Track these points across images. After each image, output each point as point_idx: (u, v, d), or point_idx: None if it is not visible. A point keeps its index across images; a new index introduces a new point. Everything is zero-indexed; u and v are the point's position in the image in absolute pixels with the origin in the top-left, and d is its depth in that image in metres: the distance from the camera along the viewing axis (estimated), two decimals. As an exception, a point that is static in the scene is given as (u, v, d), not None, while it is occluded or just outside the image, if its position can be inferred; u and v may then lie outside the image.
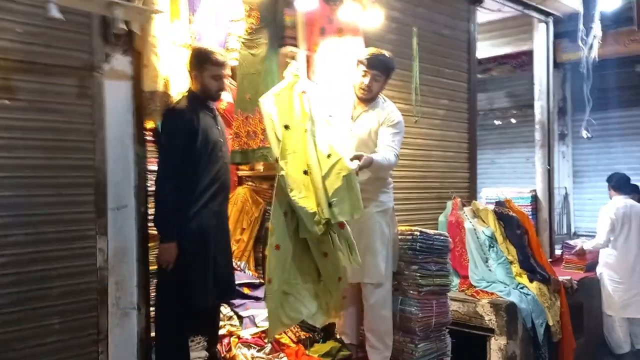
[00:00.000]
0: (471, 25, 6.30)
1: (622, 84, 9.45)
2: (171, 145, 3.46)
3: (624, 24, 8.71)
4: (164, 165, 3.47)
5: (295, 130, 3.60)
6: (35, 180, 3.22)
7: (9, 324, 3.11)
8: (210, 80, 3.58)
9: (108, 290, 3.48)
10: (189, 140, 3.45)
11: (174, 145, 3.44)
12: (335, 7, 4.53)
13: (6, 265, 3.10)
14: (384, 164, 3.79)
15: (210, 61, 3.56)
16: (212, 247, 3.53)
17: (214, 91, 3.63)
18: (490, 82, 10.97)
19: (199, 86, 3.61)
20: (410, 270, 4.18)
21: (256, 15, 4.37)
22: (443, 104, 5.97)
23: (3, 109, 3.09)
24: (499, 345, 4.86)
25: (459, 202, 5.79)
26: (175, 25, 3.79)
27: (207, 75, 3.57)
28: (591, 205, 9.98)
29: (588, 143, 9.24)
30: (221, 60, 3.61)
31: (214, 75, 3.57)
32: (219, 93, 3.69)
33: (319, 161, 3.50)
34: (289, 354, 4.08)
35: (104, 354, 3.45)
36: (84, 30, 3.38)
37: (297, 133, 3.59)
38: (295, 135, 3.59)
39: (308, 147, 3.53)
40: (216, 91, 3.65)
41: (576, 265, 6.58)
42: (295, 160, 3.54)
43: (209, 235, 3.51)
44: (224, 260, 3.64)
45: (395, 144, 3.92)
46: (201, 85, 3.59)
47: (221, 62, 3.60)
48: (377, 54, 4.04)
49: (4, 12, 3.08)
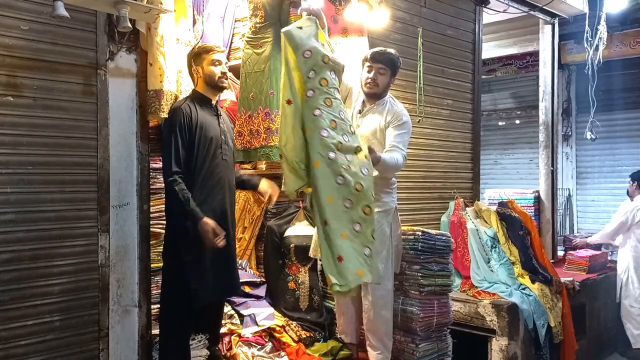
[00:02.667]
0: (477, 26, 6.29)
1: (627, 86, 9.43)
2: (172, 139, 3.46)
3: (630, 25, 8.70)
4: (168, 159, 3.46)
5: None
6: (39, 177, 3.23)
7: (11, 320, 3.12)
8: (210, 68, 3.62)
9: (109, 287, 3.49)
10: (187, 135, 3.48)
11: (174, 137, 3.45)
12: (341, 7, 4.53)
13: (8, 261, 3.12)
14: (391, 165, 3.77)
15: (205, 50, 3.65)
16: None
17: (217, 77, 3.64)
18: (494, 82, 10.98)
19: (202, 79, 3.66)
20: (412, 270, 4.18)
21: (261, 14, 4.38)
22: (447, 104, 5.97)
23: (8, 105, 3.11)
24: (500, 346, 4.87)
25: (462, 202, 5.80)
26: (180, 24, 3.79)
27: (206, 64, 3.62)
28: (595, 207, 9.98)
29: (592, 144, 9.23)
30: (213, 46, 3.70)
31: (212, 60, 3.62)
32: (222, 80, 3.68)
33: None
34: (289, 353, 4.09)
35: (104, 351, 3.47)
36: (90, 28, 3.39)
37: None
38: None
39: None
40: (219, 78, 3.65)
41: (578, 267, 6.58)
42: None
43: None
44: (224, 259, 3.63)
45: (402, 145, 3.91)
46: (204, 76, 3.64)
47: (213, 47, 3.68)
48: (381, 49, 4.07)
49: (9, 9, 3.09)
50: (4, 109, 3.09)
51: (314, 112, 3.29)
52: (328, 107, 3.32)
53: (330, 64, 3.40)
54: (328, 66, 3.39)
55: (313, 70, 3.34)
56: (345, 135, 3.33)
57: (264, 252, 4.88)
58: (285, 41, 3.40)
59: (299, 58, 3.35)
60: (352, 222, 3.23)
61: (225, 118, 3.83)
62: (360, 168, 3.34)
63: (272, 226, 4.73)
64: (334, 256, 3.20)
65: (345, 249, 3.19)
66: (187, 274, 3.45)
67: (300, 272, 4.57)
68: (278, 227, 4.71)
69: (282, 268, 4.65)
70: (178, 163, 3.44)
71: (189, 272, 3.45)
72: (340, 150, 3.26)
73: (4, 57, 3.08)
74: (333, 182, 3.21)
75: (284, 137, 3.42)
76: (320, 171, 3.21)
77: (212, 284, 3.52)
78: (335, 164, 3.22)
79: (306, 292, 4.55)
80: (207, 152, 3.54)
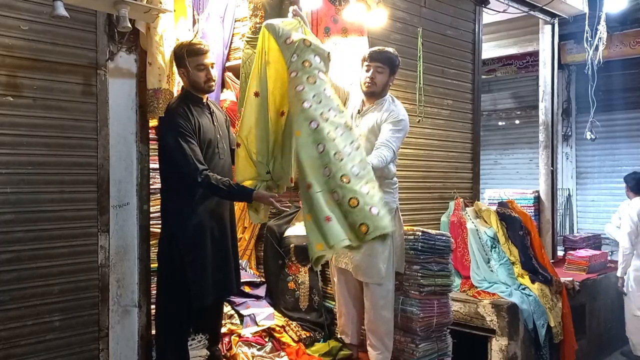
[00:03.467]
0: (477, 26, 6.29)
1: (627, 86, 9.44)
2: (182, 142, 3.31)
3: (630, 25, 8.71)
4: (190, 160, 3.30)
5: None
6: (39, 177, 3.24)
7: (11, 320, 3.12)
8: (195, 72, 3.44)
9: (109, 287, 3.50)
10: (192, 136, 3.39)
11: (183, 139, 3.31)
12: (340, 7, 4.53)
13: (8, 261, 3.12)
14: (381, 166, 3.75)
15: (189, 52, 3.43)
16: (210, 246, 3.46)
17: (202, 82, 3.47)
18: (494, 82, 10.99)
19: (188, 82, 3.49)
20: (411, 270, 4.18)
21: (261, 14, 4.39)
22: (447, 104, 5.97)
23: (8, 105, 3.11)
24: (500, 346, 4.87)
25: (462, 202, 5.80)
26: (180, 24, 3.78)
27: (191, 68, 3.43)
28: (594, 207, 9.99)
29: (592, 144, 9.24)
30: (199, 48, 3.45)
31: (196, 65, 3.43)
32: (208, 84, 3.50)
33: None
34: (289, 353, 4.09)
35: (104, 351, 3.47)
36: (90, 28, 3.39)
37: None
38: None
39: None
40: (205, 82, 3.47)
41: (578, 267, 6.57)
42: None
43: (206, 234, 3.45)
44: (224, 260, 3.58)
45: (393, 140, 3.87)
46: (190, 80, 3.47)
47: (199, 50, 3.45)
48: (379, 48, 4.07)
49: (9, 9, 3.10)
50: (4, 109, 3.10)
51: (296, 87, 3.31)
52: (311, 85, 3.32)
53: (312, 47, 3.40)
54: (310, 50, 3.39)
55: (295, 54, 3.36)
56: (332, 111, 3.32)
57: (263, 252, 4.88)
58: (265, 32, 3.45)
59: (282, 45, 3.40)
60: (331, 190, 3.19)
61: (217, 114, 3.69)
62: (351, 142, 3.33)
63: (272, 226, 4.73)
64: (321, 216, 3.13)
65: (332, 211, 3.16)
66: (187, 275, 3.40)
67: (300, 272, 4.57)
68: (278, 227, 4.71)
69: (282, 268, 4.65)
70: (199, 159, 3.33)
71: (188, 273, 3.40)
72: (325, 120, 3.25)
73: (4, 57, 3.08)
74: (314, 151, 3.20)
75: (246, 128, 3.49)
76: (301, 140, 3.23)
77: (212, 284, 3.48)
78: (316, 133, 3.22)
79: (306, 292, 4.55)
80: (206, 153, 3.46)
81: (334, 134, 3.25)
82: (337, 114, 3.34)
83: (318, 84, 3.35)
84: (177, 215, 3.43)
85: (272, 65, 3.47)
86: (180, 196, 3.44)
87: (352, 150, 3.30)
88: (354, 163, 3.26)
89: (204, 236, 3.44)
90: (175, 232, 3.42)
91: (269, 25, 3.45)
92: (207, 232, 3.46)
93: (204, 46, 3.50)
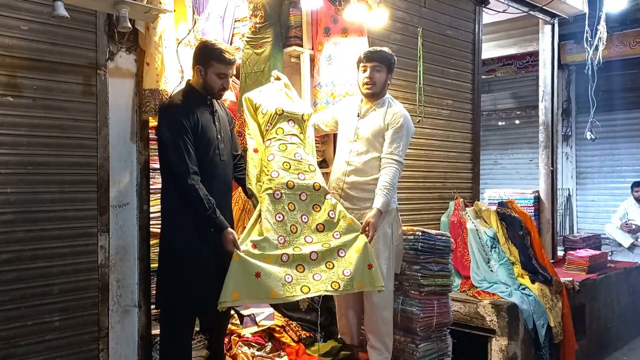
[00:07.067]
0: (476, 26, 6.29)
1: (627, 86, 9.45)
2: (179, 138, 3.24)
3: (630, 25, 8.72)
4: (182, 160, 3.22)
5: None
6: (39, 177, 3.24)
7: (11, 320, 3.13)
8: (214, 78, 3.37)
9: (109, 287, 3.50)
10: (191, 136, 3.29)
11: (180, 137, 3.24)
12: (341, 7, 4.53)
13: (8, 261, 3.12)
14: (391, 194, 3.85)
15: (217, 58, 3.35)
16: (209, 249, 3.37)
17: (216, 89, 3.42)
18: (494, 82, 10.99)
19: (201, 81, 3.41)
20: (411, 270, 4.18)
21: (261, 15, 4.38)
22: (447, 104, 5.97)
23: (8, 105, 3.11)
24: (500, 346, 4.86)
25: (462, 202, 5.79)
26: (180, 25, 3.78)
27: (212, 72, 3.36)
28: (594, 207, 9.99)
29: (592, 144, 9.24)
30: (229, 58, 3.38)
31: (218, 73, 3.36)
32: (221, 92, 3.47)
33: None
34: (289, 353, 4.09)
35: (104, 351, 3.47)
36: (90, 28, 3.40)
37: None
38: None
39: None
40: (219, 90, 3.43)
41: (578, 267, 6.57)
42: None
43: (206, 236, 3.36)
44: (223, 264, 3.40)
45: (398, 150, 3.91)
46: (204, 81, 3.39)
47: (229, 60, 3.38)
48: (374, 48, 4.09)
49: (9, 9, 3.10)
50: (4, 109, 3.10)
51: (267, 157, 3.71)
52: (282, 152, 3.72)
53: (285, 114, 3.82)
54: (283, 117, 3.81)
55: (270, 123, 3.80)
56: (301, 174, 3.70)
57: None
58: (246, 105, 3.91)
59: (259, 115, 3.85)
60: (279, 255, 3.45)
61: (221, 113, 3.60)
62: (314, 204, 3.72)
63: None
64: (252, 271, 3.32)
65: (265, 269, 3.36)
66: (189, 281, 3.31)
67: (300, 272, 4.56)
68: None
69: (282, 268, 4.63)
70: (194, 162, 3.25)
71: (191, 280, 3.31)
72: (291, 188, 3.63)
73: (4, 57, 3.08)
74: (273, 219, 3.53)
75: (253, 178, 3.73)
76: (264, 206, 3.54)
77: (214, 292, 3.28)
78: (278, 203, 3.57)
79: (306, 292, 4.54)
80: (206, 154, 3.38)
81: (295, 203, 3.63)
82: (305, 176, 3.71)
83: (289, 150, 3.75)
84: (176, 215, 3.35)
85: (258, 128, 3.92)
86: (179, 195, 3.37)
87: (309, 218, 3.67)
88: (308, 233, 3.64)
89: (202, 239, 3.36)
90: (175, 232, 3.35)
91: (246, 100, 3.91)
92: (207, 234, 3.37)
93: (233, 57, 3.44)
